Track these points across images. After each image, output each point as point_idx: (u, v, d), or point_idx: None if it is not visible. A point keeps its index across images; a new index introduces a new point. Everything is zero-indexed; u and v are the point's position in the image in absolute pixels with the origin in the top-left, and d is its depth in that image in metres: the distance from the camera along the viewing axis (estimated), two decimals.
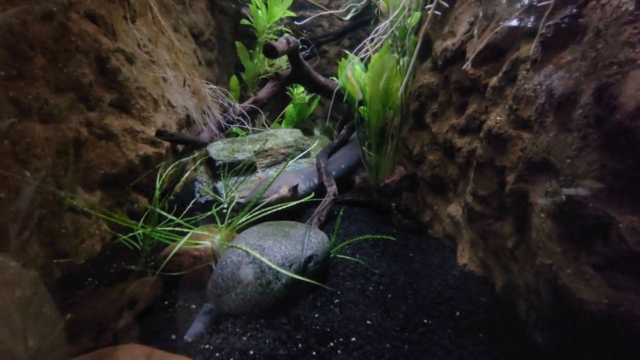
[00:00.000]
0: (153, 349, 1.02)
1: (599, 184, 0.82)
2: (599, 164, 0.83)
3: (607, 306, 0.81)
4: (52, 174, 1.54)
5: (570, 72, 0.96)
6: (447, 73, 1.92)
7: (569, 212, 0.90)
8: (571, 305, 0.89)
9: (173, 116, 2.81)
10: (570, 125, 0.94)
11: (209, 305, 1.37)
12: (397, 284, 1.63)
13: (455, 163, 1.87)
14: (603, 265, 0.83)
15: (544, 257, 0.99)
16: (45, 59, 1.48)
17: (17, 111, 1.30)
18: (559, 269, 0.93)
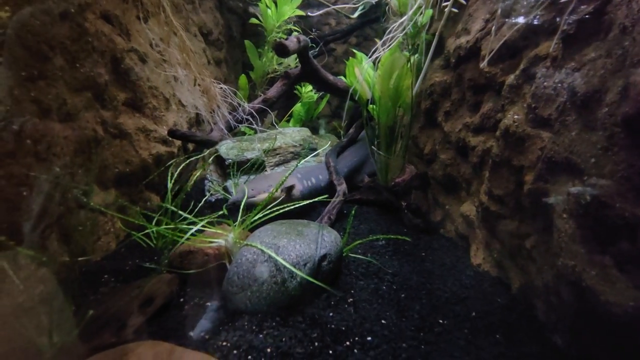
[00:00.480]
0: (174, 346, 1.03)
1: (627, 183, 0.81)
2: (627, 163, 0.82)
3: (634, 308, 0.80)
4: (70, 172, 1.56)
5: (594, 70, 0.94)
6: (461, 71, 1.90)
7: (594, 213, 0.89)
8: (595, 307, 0.88)
9: (183, 115, 2.83)
10: (594, 123, 0.92)
11: (215, 303, 1.38)
12: (410, 284, 1.63)
13: (469, 162, 1.85)
14: (630, 267, 0.82)
15: (567, 258, 0.98)
16: (64, 59, 1.50)
17: (39, 111, 1.32)
18: (582, 270, 0.92)
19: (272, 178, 2.25)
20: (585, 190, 0.92)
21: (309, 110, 4.25)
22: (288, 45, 2.32)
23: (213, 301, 1.44)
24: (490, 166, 1.49)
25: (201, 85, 2.52)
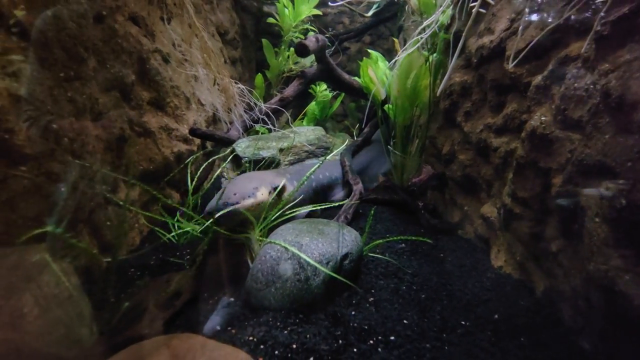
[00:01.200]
0: (206, 339, 1.06)
1: None
2: None
3: None
4: (99, 170, 1.62)
5: (630, 72, 0.93)
6: (483, 71, 1.89)
7: (630, 217, 0.88)
8: (627, 312, 0.88)
9: (202, 114, 2.88)
10: (631, 127, 0.91)
11: (226, 299, 1.41)
12: (430, 285, 1.63)
13: (490, 163, 1.84)
14: None
15: (599, 263, 0.97)
16: (96, 60, 1.55)
17: (75, 110, 1.37)
18: (615, 275, 0.92)
19: (257, 178, 1.87)
20: (621, 194, 0.91)
21: (323, 110, 4.26)
22: (309, 45, 2.34)
23: (237, 297, 1.47)
24: (514, 168, 1.48)
25: (220, 84, 2.56)
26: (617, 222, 0.93)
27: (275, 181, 1.90)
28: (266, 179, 1.87)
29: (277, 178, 1.96)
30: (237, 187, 1.73)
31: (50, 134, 1.22)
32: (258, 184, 1.78)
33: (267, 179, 1.89)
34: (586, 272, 1.02)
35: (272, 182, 1.86)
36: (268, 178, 1.91)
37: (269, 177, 1.94)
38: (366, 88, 3.13)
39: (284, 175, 2.07)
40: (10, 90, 1.07)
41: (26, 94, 1.13)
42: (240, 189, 1.71)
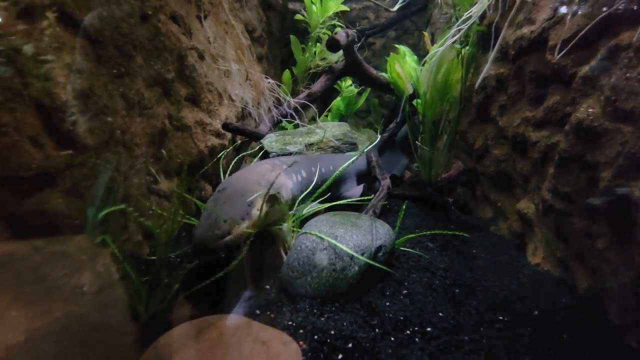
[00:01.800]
0: (251, 320, 1.12)
1: None
2: None
3: None
4: (144, 161, 1.71)
5: None
6: (521, 63, 1.83)
7: None
8: None
9: (233, 109, 2.96)
10: None
11: (248, 292, 1.42)
12: (464, 280, 1.62)
13: (528, 158, 1.79)
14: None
15: None
16: (142, 57, 1.63)
17: (126, 105, 1.45)
18: None
19: (249, 186, 1.54)
20: None
21: (348, 105, 4.27)
22: (340, 40, 2.35)
23: (272, 285, 1.53)
24: (556, 162, 1.44)
25: (251, 79, 2.63)
26: None
27: (272, 175, 1.59)
28: (258, 184, 1.55)
29: (273, 171, 1.67)
30: (231, 208, 1.41)
31: (106, 127, 1.31)
32: (251, 196, 1.46)
33: (259, 183, 1.57)
34: (636, 269, 0.99)
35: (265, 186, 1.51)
36: (261, 180, 1.61)
37: (262, 178, 1.63)
38: (393, 83, 3.11)
39: (279, 167, 1.80)
40: (74, 85, 1.16)
41: (87, 89, 1.22)
42: (231, 210, 1.39)
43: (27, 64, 1.02)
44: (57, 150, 1.11)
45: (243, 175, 1.74)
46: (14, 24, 1.00)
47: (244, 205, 1.45)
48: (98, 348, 1.03)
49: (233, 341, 0.99)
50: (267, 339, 1.01)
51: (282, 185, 1.74)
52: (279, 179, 1.66)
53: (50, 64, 1.07)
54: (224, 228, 1.35)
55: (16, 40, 1.00)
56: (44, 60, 1.05)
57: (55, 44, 1.09)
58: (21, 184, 1.04)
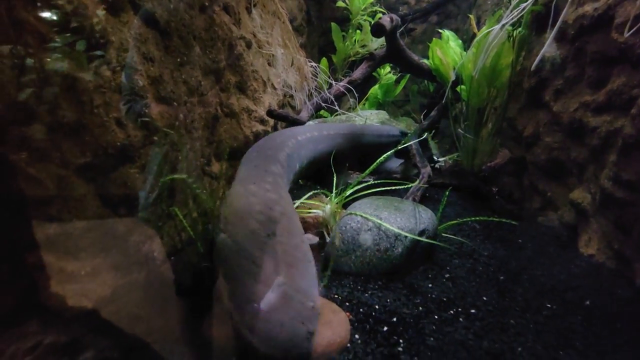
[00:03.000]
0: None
1: None
2: None
3: None
4: (200, 144, 1.85)
5: None
6: (581, 43, 1.72)
7: None
8: None
9: (275, 97, 3.07)
10: None
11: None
12: (509, 268, 1.60)
13: (585, 145, 1.70)
14: None
15: None
16: (200, 47, 1.76)
17: (187, 91, 1.59)
18: None
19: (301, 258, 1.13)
20: None
21: (386, 93, 4.22)
22: (385, 25, 2.34)
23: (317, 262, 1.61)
24: (619, 148, 1.36)
25: (296, 64, 2.70)
26: None
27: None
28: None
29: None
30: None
31: (172, 111, 1.45)
32: (312, 278, 1.06)
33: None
34: None
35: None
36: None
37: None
38: (435, 70, 3.03)
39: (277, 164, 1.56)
40: (148, 72, 1.29)
41: (158, 76, 1.35)
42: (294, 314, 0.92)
43: (114, 53, 1.16)
44: (135, 131, 1.26)
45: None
46: (104, 18, 1.14)
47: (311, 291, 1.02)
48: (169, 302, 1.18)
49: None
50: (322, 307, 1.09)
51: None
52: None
53: (131, 52, 1.20)
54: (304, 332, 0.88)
55: (105, 31, 1.13)
56: (126, 50, 1.18)
57: (135, 34, 1.22)
58: (109, 159, 1.19)
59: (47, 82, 1.03)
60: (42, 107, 1.03)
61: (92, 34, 1.11)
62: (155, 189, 1.39)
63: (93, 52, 1.13)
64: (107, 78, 1.14)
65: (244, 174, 1.44)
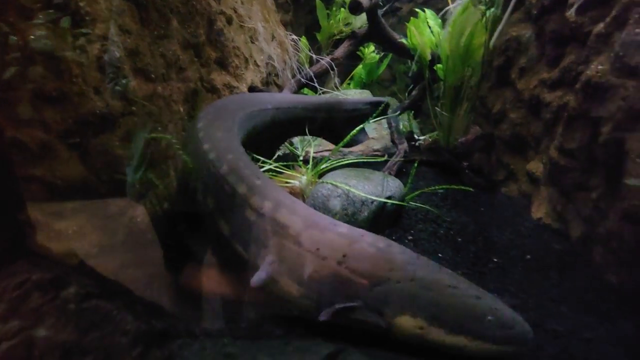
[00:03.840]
0: None
1: None
2: None
3: None
4: (180, 117, 1.92)
5: None
6: (543, 23, 1.83)
7: None
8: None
9: (258, 75, 3.11)
10: None
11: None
12: (467, 231, 1.76)
13: (541, 119, 1.83)
14: None
15: (634, 199, 1.03)
16: (177, 20, 1.80)
17: (165, 64, 1.64)
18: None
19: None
20: None
21: (370, 73, 4.27)
22: (362, 2, 2.38)
23: None
24: (565, 120, 1.50)
25: (276, 37, 2.74)
26: None
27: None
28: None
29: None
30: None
31: (150, 82, 1.51)
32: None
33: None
34: (622, 211, 1.08)
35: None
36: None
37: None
38: (413, 49, 3.09)
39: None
40: (125, 44, 1.35)
41: (134, 47, 1.41)
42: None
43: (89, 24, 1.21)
44: (113, 100, 1.33)
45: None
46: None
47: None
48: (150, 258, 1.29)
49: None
50: None
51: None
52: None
53: (106, 24, 1.25)
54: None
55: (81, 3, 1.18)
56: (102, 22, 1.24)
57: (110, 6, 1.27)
58: (89, 126, 1.27)
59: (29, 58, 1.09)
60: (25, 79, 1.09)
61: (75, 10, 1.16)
62: (137, 157, 1.47)
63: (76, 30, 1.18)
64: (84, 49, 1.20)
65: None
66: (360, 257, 0.99)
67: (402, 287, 0.93)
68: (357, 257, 0.99)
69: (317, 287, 0.96)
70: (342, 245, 1.01)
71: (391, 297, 0.92)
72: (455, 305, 0.92)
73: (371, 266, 0.97)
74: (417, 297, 0.92)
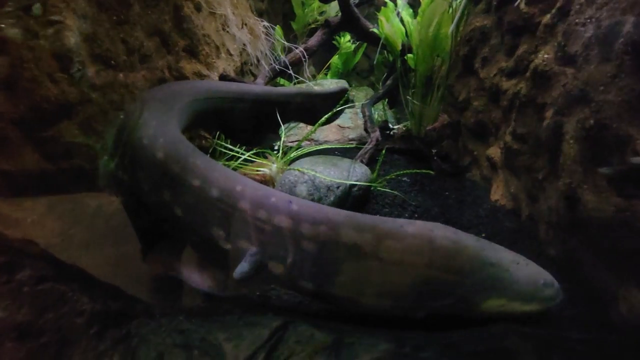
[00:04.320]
0: None
1: (626, 105, 0.91)
2: (629, 87, 0.91)
3: (614, 212, 0.94)
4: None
5: (618, 3, 0.99)
6: (501, 14, 1.90)
7: (595, 135, 1.01)
8: (584, 215, 1.04)
9: (231, 64, 3.07)
10: (610, 55, 1.00)
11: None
12: (430, 214, 1.84)
13: (500, 107, 1.92)
14: (616, 178, 0.95)
15: (567, 177, 1.12)
16: (139, 6, 1.76)
17: (127, 50, 1.61)
18: (577, 185, 1.06)
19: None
20: (591, 115, 1.02)
21: (346, 62, 4.29)
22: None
23: None
24: (517, 107, 1.58)
25: (247, 24, 2.71)
26: (585, 141, 1.05)
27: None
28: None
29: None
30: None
31: (110, 70, 1.49)
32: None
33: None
34: (558, 189, 1.17)
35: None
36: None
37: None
38: (385, 39, 3.13)
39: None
40: (80, 29, 1.32)
41: (91, 33, 1.38)
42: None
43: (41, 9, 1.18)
44: (70, 87, 1.31)
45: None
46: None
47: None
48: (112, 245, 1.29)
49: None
50: None
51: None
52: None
53: (59, 7, 1.22)
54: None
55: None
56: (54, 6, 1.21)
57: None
58: (45, 114, 1.24)
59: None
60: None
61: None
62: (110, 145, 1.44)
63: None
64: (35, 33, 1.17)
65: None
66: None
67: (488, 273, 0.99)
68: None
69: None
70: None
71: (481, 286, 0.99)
72: (522, 278, 1.02)
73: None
74: (500, 279, 1.00)
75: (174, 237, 1.31)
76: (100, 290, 0.94)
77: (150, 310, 0.91)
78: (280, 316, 0.83)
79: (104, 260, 1.18)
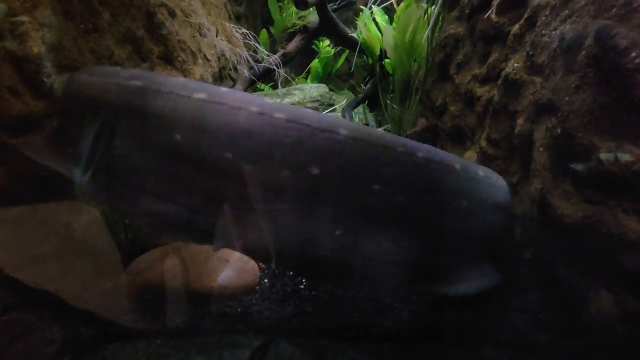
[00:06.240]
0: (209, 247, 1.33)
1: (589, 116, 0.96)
2: (592, 99, 0.96)
3: (582, 218, 0.99)
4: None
5: (581, 16, 1.05)
6: (474, 22, 1.96)
7: (562, 143, 1.05)
8: (554, 220, 1.08)
9: (209, 69, 3.02)
10: (574, 66, 1.05)
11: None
12: None
13: (475, 112, 1.98)
14: (583, 185, 1.00)
15: (538, 184, 1.16)
16: (109, 14, 1.69)
17: (96, 60, 1.55)
18: (548, 191, 1.11)
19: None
20: (558, 124, 1.07)
21: (326, 67, 4.31)
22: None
23: None
24: (491, 113, 1.63)
25: (223, 32, 2.67)
26: (553, 149, 1.10)
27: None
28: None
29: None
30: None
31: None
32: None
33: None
34: (530, 194, 1.22)
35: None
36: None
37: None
38: (363, 44, 3.18)
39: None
40: (44, 39, 1.26)
41: (57, 42, 1.32)
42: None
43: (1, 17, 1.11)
44: (35, 100, 1.24)
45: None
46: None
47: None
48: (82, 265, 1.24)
49: (200, 258, 1.21)
50: (228, 258, 1.23)
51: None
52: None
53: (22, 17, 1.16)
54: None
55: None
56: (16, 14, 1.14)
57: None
58: (6, 128, 1.17)
59: None
60: None
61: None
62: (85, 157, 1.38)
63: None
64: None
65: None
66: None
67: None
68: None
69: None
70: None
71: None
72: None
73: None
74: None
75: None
76: (72, 315, 0.90)
77: (127, 334, 0.88)
78: (261, 334, 0.82)
79: (76, 281, 1.12)
